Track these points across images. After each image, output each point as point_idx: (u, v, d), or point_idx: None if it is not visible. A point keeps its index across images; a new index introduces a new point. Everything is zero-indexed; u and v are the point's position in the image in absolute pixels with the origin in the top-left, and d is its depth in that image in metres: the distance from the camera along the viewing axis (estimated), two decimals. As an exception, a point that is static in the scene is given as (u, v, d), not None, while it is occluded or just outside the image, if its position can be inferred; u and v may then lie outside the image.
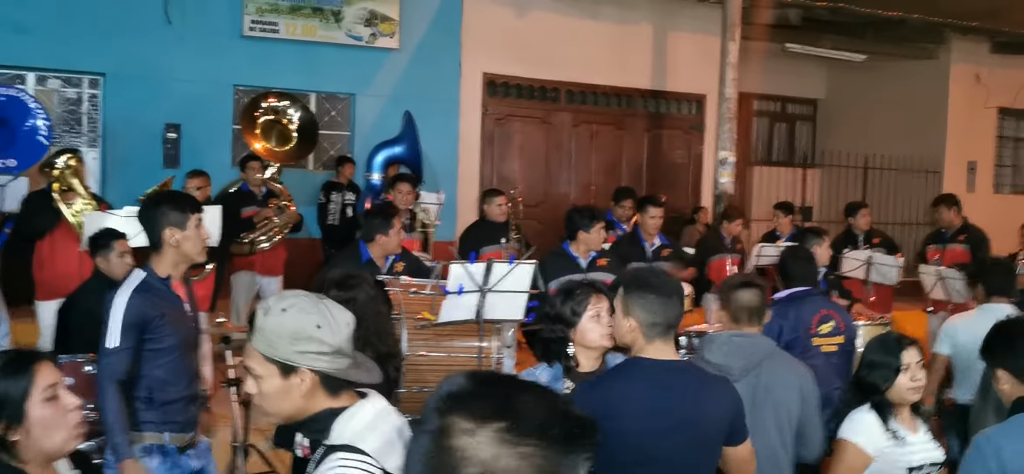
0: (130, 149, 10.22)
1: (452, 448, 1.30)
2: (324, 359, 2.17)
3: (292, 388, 2.18)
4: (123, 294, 3.67)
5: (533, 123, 12.73)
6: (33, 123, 7.40)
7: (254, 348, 2.19)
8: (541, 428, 1.31)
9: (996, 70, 14.40)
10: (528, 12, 12.19)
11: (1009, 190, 15.43)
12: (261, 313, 2.20)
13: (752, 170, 14.72)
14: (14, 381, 2.38)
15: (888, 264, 7.96)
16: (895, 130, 14.17)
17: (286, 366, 2.16)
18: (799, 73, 14.84)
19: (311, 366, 2.16)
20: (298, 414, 2.23)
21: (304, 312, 2.18)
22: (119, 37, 10.08)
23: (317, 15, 10.99)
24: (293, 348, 2.15)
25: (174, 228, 3.73)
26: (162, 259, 3.77)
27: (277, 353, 2.16)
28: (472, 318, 4.84)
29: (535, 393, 1.37)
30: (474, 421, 1.31)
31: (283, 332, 2.16)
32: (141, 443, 3.72)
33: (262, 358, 2.18)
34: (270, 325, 2.17)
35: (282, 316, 2.17)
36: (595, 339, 3.39)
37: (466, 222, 11.20)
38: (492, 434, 1.29)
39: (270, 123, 9.38)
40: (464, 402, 1.34)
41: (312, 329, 2.16)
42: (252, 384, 2.23)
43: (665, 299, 3.00)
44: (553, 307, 3.46)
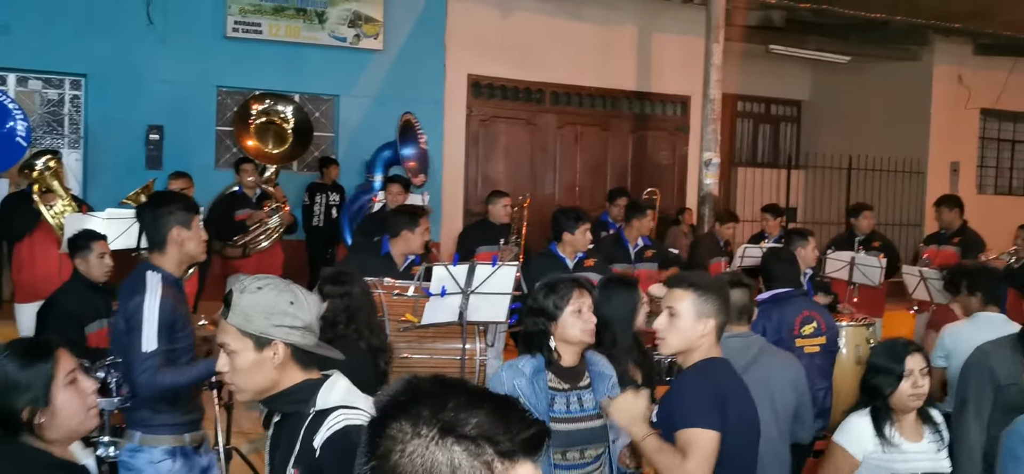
0: (112, 150, 10.15)
1: (406, 454, 1.28)
2: (296, 333, 2.34)
3: (265, 361, 2.33)
4: (153, 295, 3.62)
5: (518, 124, 12.72)
6: (11, 125, 7.33)
7: (229, 324, 2.32)
8: (491, 430, 1.29)
9: (979, 71, 14.48)
10: (513, 13, 12.17)
11: (992, 191, 15.52)
12: (237, 291, 2.34)
13: (737, 171, 14.75)
14: (39, 366, 2.50)
15: (871, 265, 7.97)
16: (879, 131, 14.24)
17: (261, 339, 2.31)
18: (783, 74, 14.89)
19: (285, 339, 2.32)
20: (271, 387, 2.37)
21: (277, 290, 2.36)
22: (101, 38, 10.01)
23: (301, 16, 10.95)
24: (268, 322, 2.31)
25: (181, 227, 3.75)
26: (167, 258, 3.76)
27: (252, 327, 2.31)
28: (455, 320, 4.82)
29: (477, 394, 1.35)
30: (424, 425, 1.29)
31: (259, 307, 2.32)
32: (163, 446, 3.74)
33: (237, 332, 2.32)
34: (246, 301, 2.32)
35: (257, 293, 2.33)
36: (576, 334, 3.39)
37: (451, 224, 11.23)
38: (451, 438, 1.28)
39: (264, 125, 9.35)
40: (412, 408, 1.31)
41: (285, 305, 2.34)
42: (225, 361, 2.35)
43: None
44: (536, 300, 3.46)
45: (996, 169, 15.69)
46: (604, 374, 3.52)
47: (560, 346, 3.42)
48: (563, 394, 3.40)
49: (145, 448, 3.72)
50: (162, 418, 3.72)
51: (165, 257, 3.75)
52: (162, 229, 3.73)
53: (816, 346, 4.88)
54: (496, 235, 8.00)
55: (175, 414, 3.74)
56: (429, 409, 1.30)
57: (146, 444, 3.73)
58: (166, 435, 3.74)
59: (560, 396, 3.40)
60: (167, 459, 3.73)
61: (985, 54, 14.46)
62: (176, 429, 3.76)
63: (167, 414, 3.72)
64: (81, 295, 5.32)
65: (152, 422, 3.72)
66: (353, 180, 10.92)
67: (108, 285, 5.49)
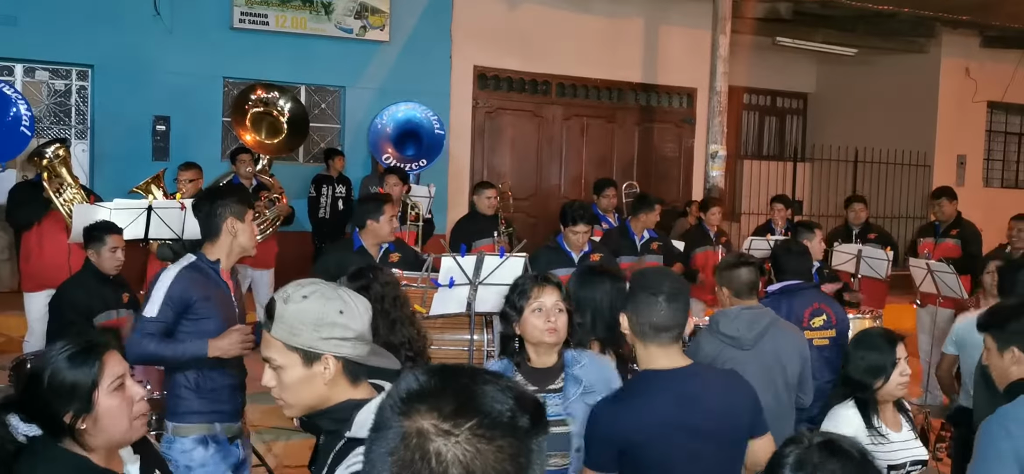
0: (119, 141, 10.17)
1: (432, 453, 1.24)
2: (347, 345, 2.13)
3: (315, 377, 2.12)
4: (172, 270, 3.79)
5: (524, 116, 12.71)
6: (14, 113, 7.36)
7: (274, 337, 2.12)
8: (511, 419, 1.28)
9: (986, 64, 14.45)
10: (519, 5, 12.17)
11: (998, 184, 15.49)
12: (281, 301, 2.14)
13: (743, 164, 14.74)
14: (84, 370, 2.40)
15: (878, 258, 7.97)
16: (885, 124, 14.22)
17: (309, 354, 2.11)
18: (789, 67, 14.86)
19: (335, 352, 2.12)
20: (320, 403, 2.16)
21: (326, 298, 2.13)
22: (107, 29, 10.01)
23: (307, 7, 10.95)
24: (317, 334, 2.10)
25: (235, 219, 3.88)
26: (217, 247, 3.89)
27: (300, 340, 2.10)
28: (463, 311, 4.83)
29: (494, 382, 1.32)
30: (449, 421, 1.26)
31: (306, 318, 2.10)
32: (193, 435, 3.81)
33: (283, 346, 2.12)
34: (292, 312, 2.11)
35: (304, 303, 2.12)
36: (534, 333, 3.22)
37: (456, 215, 11.20)
38: (470, 433, 1.25)
39: (260, 115, 9.34)
40: (431, 401, 1.28)
41: (335, 315, 2.12)
42: (270, 376, 2.16)
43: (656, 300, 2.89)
44: (509, 299, 3.34)
45: (1003, 162, 15.66)
46: (579, 378, 3.25)
47: (528, 346, 3.26)
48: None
49: (177, 438, 3.81)
50: (188, 405, 3.80)
51: (216, 246, 3.89)
52: (217, 220, 3.87)
53: (825, 339, 4.89)
54: (487, 226, 7.97)
55: (202, 401, 3.81)
56: (455, 401, 1.28)
57: (178, 434, 3.81)
58: (194, 423, 3.80)
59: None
60: (198, 447, 3.79)
61: (992, 47, 14.43)
62: (203, 417, 3.82)
63: (193, 401, 3.80)
64: (91, 286, 5.35)
65: (181, 410, 3.81)
66: (359, 172, 10.92)
67: (119, 277, 5.52)
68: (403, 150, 10.56)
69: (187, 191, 7.66)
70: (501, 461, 1.25)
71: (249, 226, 3.94)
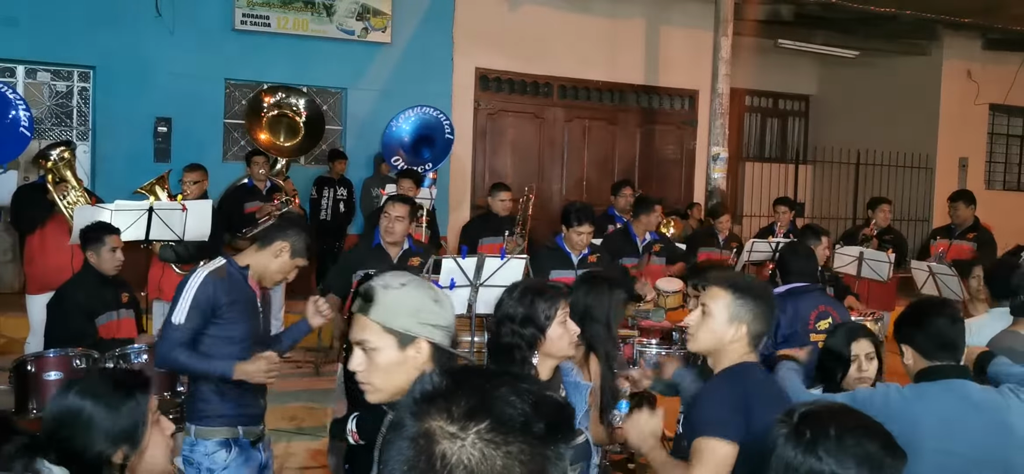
0: (120, 143, 10.17)
1: (437, 455, 1.23)
2: (439, 332, 2.25)
3: (408, 360, 2.23)
4: (199, 274, 3.73)
5: (525, 118, 12.71)
6: (14, 115, 7.36)
7: (371, 320, 2.23)
8: (525, 424, 1.24)
9: (988, 66, 14.43)
10: (520, 7, 12.16)
11: (1001, 186, 15.46)
12: (380, 288, 2.26)
13: (744, 166, 14.72)
14: (132, 408, 2.35)
15: (880, 260, 7.97)
16: (887, 126, 14.19)
17: (405, 337, 2.22)
18: (791, 69, 14.85)
19: (429, 337, 2.23)
20: (407, 388, 2.21)
21: (422, 287, 2.29)
22: (109, 30, 10.02)
23: (308, 9, 10.95)
24: (414, 319, 2.22)
25: (288, 248, 3.85)
26: (257, 256, 3.86)
27: (397, 324, 2.22)
28: (464, 313, 4.83)
29: (511, 384, 1.29)
30: (457, 424, 1.24)
31: (405, 304, 2.23)
32: (216, 438, 3.78)
33: (380, 329, 2.23)
34: (391, 297, 2.24)
35: (403, 290, 2.25)
36: (564, 348, 3.06)
37: (458, 217, 11.24)
38: (476, 436, 1.23)
39: (277, 117, 9.35)
40: (442, 402, 1.26)
41: (430, 303, 2.26)
42: (362, 359, 2.26)
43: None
44: (519, 307, 3.03)
45: (1005, 165, 15.63)
46: (579, 385, 3.18)
47: (541, 361, 3.04)
48: None
49: (200, 441, 3.78)
50: (212, 408, 3.77)
51: (257, 255, 3.86)
52: (278, 235, 3.86)
53: (831, 342, 4.88)
54: (499, 228, 8.00)
55: (225, 405, 3.78)
56: (469, 403, 1.26)
57: (201, 437, 3.78)
58: (218, 427, 3.78)
59: None
60: (221, 450, 3.77)
61: (994, 49, 14.41)
62: (228, 421, 3.79)
63: (217, 404, 3.77)
64: (91, 287, 5.34)
65: (204, 413, 3.78)
66: (361, 173, 10.93)
67: (119, 277, 5.51)
68: (419, 154, 10.54)
69: (191, 193, 7.66)
70: (510, 467, 1.22)
71: (291, 266, 3.91)
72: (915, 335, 3.17)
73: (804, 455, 2.03)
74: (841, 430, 2.03)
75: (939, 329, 3.11)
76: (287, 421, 6.71)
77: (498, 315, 3.11)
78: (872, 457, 2.00)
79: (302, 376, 8.08)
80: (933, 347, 3.11)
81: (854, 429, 2.04)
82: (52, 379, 4.65)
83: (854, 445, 2.00)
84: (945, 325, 3.11)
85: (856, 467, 1.99)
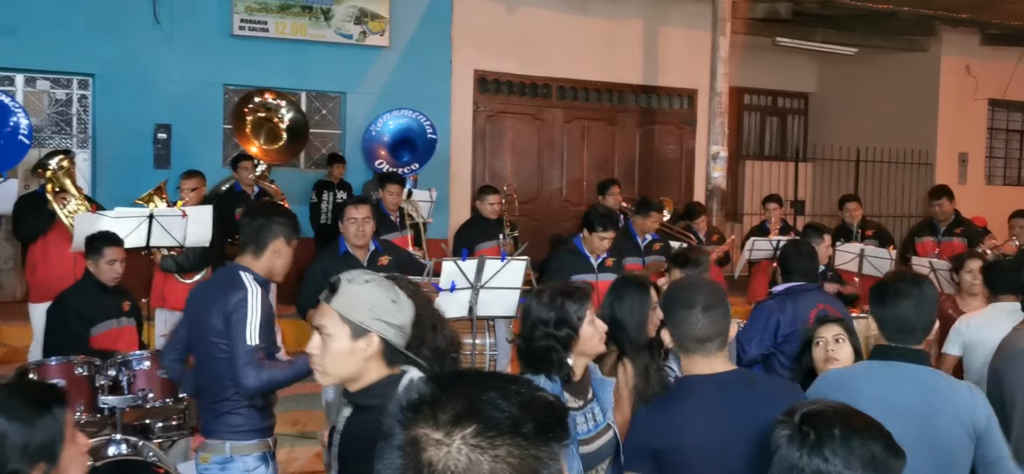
0: (120, 150, 10.18)
1: (424, 463, 1.23)
2: (391, 330, 2.43)
3: (357, 351, 2.41)
4: (255, 292, 3.65)
5: (525, 120, 12.72)
6: (13, 122, 7.37)
7: (331, 308, 2.41)
8: (513, 425, 1.23)
9: (986, 62, 14.44)
10: (518, 8, 12.17)
11: (1001, 181, 15.47)
12: (345, 280, 2.44)
13: (744, 164, 14.73)
14: (50, 421, 2.22)
15: (881, 257, 7.98)
16: (886, 123, 14.21)
17: (359, 329, 2.40)
18: (790, 67, 14.85)
19: (381, 333, 2.41)
20: (354, 377, 2.45)
21: (384, 287, 2.47)
22: (108, 38, 10.03)
23: (306, 13, 10.96)
24: (370, 314, 2.41)
25: (284, 241, 3.85)
26: (260, 263, 3.81)
27: (353, 315, 2.40)
28: (465, 315, 4.84)
29: (500, 387, 1.29)
30: (442, 430, 1.23)
31: (364, 298, 2.42)
32: (256, 453, 3.70)
33: (338, 318, 2.41)
34: (353, 290, 2.42)
35: (365, 285, 2.44)
36: (595, 345, 3.13)
37: (459, 220, 11.23)
38: (462, 442, 1.22)
39: (259, 121, 9.35)
40: (428, 410, 1.26)
41: (388, 302, 2.44)
42: (318, 342, 2.43)
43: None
44: (554, 309, 3.08)
45: (1005, 159, 15.64)
46: (605, 381, 3.25)
47: (576, 360, 3.10)
48: (580, 413, 3.11)
49: (237, 457, 3.66)
50: (254, 422, 3.69)
51: (258, 262, 3.80)
52: (268, 235, 3.82)
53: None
54: (491, 230, 8.01)
55: (264, 418, 3.73)
56: (454, 409, 1.25)
57: (238, 453, 3.66)
58: (257, 440, 3.71)
59: (578, 415, 3.10)
60: (261, 465, 3.70)
61: (992, 44, 14.42)
62: (265, 433, 3.74)
63: (258, 418, 3.70)
64: (91, 294, 5.36)
65: (243, 428, 3.67)
66: (360, 177, 10.93)
67: (120, 286, 5.53)
68: (399, 157, 10.58)
69: (190, 200, 7.66)
70: (499, 470, 1.22)
71: (291, 252, 3.89)
72: (877, 312, 3.23)
73: (810, 456, 2.01)
74: (846, 430, 2.01)
75: (901, 312, 3.13)
76: (290, 426, 6.72)
77: (529, 321, 3.14)
78: (876, 458, 1.99)
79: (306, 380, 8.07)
80: (892, 328, 3.16)
81: (859, 430, 2.03)
82: (54, 387, 4.66)
83: (860, 446, 1.99)
84: (908, 308, 3.12)
85: (862, 468, 1.98)
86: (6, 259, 10.00)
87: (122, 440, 4.53)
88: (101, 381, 4.67)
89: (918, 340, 3.16)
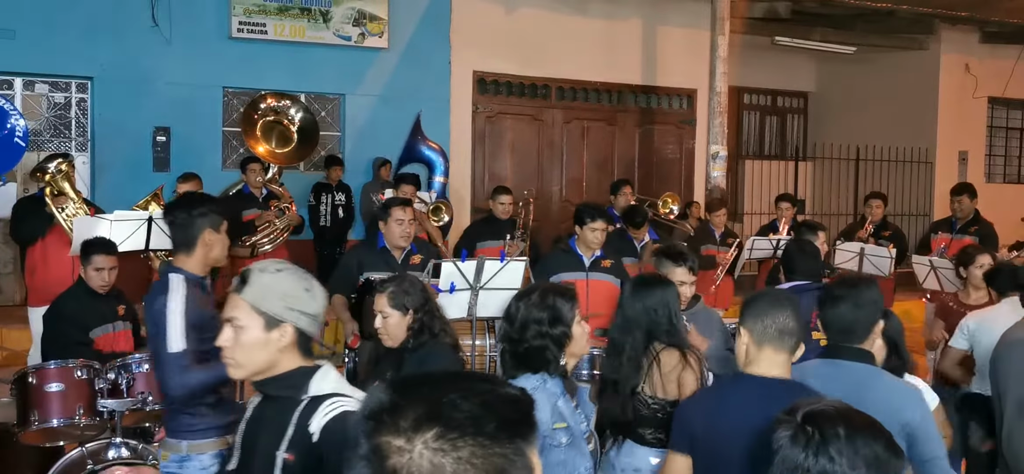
0: (119, 153, 10.17)
1: (388, 470, 1.22)
2: (305, 319, 2.41)
3: (271, 341, 2.38)
4: (176, 296, 3.56)
5: (524, 120, 12.71)
6: (10, 125, 7.35)
7: (242, 299, 2.38)
8: (475, 425, 1.22)
9: (986, 60, 14.44)
10: (517, 9, 12.16)
11: (1001, 179, 15.47)
12: (257, 270, 2.42)
13: (744, 164, 14.72)
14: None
15: (881, 255, 7.97)
16: (886, 121, 14.20)
17: (272, 319, 2.38)
18: (789, 66, 14.85)
19: (295, 323, 2.39)
20: (268, 368, 2.41)
21: (296, 276, 2.45)
22: (106, 41, 10.03)
23: (305, 15, 10.95)
24: (283, 304, 2.38)
25: (211, 230, 3.73)
26: (193, 260, 3.72)
27: (266, 305, 2.38)
28: (464, 316, 4.83)
29: (461, 387, 1.28)
30: (403, 436, 1.22)
31: (277, 289, 2.39)
32: (212, 451, 3.66)
33: (250, 308, 2.38)
34: (265, 281, 2.40)
35: (278, 275, 2.42)
36: (584, 345, 3.18)
37: (457, 220, 11.21)
38: (424, 446, 1.21)
39: (270, 124, 9.35)
40: (388, 417, 1.25)
41: (301, 291, 2.42)
42: (230, 334, 2.40)
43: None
44: (546, 308, 3.08)
45: (1005, 157, 15.64)
46: (580, 388, 3.35)
47: (566, 360, 3.12)
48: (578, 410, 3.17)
49: (193, 456, 3.66)
50: (209, 421, 3.66)
51: (191, 259, 3.71)
52: (193, 230, 3.70)
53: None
54: (501, 231, 8.00)
55: (219, 416, 3.69)
56: (414, 414, 1.24)
57: (194, 451, 3.66)
58: (213, 438, 3.68)
59: (578, 412, 3.15)
60: (217, 463, 3.65)
61: (992, 42, 14.42)
62: (221, 431, 3.70)
63: (211, 417, 3.66)
64: (86, 299, 5.34)
65: (198, 427, 3.65)
66: (360, 179, 10.93)
67: (116, 290, 5.50)
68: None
69: (187, 203, 7.63)
70: (464, 470, 1.21)
71: (223, 237, 3.79)
72: (821, 316, 3.36)
73: (815, 456, 1.97)
74: (850, 430, 1.99)
75: (840, 314, 3.25)
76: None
77: (520, 320, 3.08)
78: (879, 457, 1.97)
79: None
80: (833, 329, 3.29)
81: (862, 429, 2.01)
82: (53, 391, 4.65)
83: (863, 445, 1.97)
84: (847, 310, 3.24)
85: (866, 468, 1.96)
86: (5, 263, 9.99)
87: (122, 443, 4.52)
88: (100, 384, 4.66)
89: (859, 339, 3.25)
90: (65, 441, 4.86)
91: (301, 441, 2.32)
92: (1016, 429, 4.00)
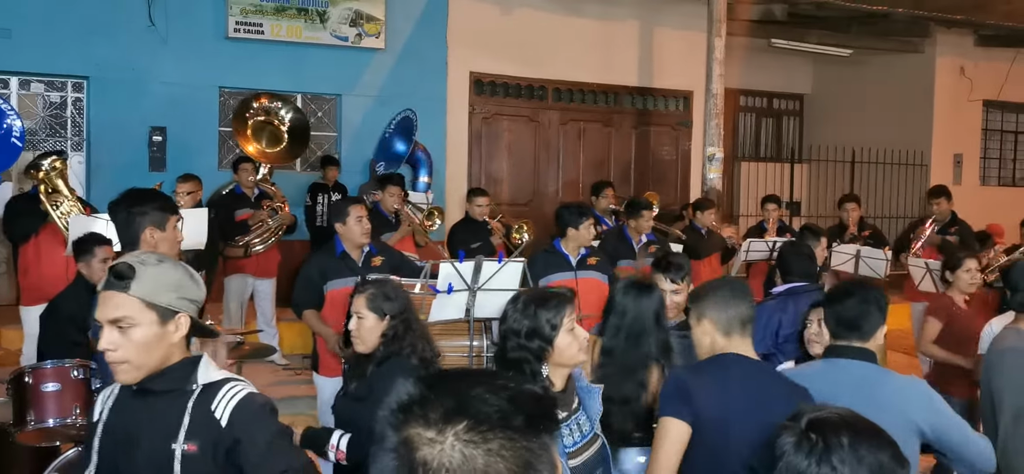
0: (115, 152, 10.15)
1: (418, 462, 1.24)
2: (194, 307, 2.36)
3: (167, 335, 2.29)
4: None
5: (520, 122, 12.71)
6: (6, 125, 7.34)
7: (131, 296, 2.25)
8: (503, 419, 1.25)
9: (981, 63, 14.47)
10: (514, 10, 12.16)
11: (995, 182, 15.51)
12: (138, 264, 2.28)
13: (740, 166, 14.74)
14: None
15: (877, 258, 7.99)
16: (882, 124, 14.23)
17: (167, 312, 2.28)
18: (785, 68, 14.87)
19: (189, 312, 2.33)
20: (161, 363, 2.32)
21: (176, 265, 2.36)
22: (102, 40, 10.00)
23: (302, 15, 10.94)
24: (176, 294, 2.30)
25: (154, 228, 3.60)
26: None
27: (161, 299, 2.28)
28: (462, 317, 4.82)
29: (487, 383, 1.30)
30: (434, 428, 1.24)
31: (168, 280, 2.29)
32: None
33: (142, 305, 2.26)
34: (154, 273, 2.28)
35: (162, 266, 2.31)
36: (574, 355, 2.91)
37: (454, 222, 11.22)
38: (455, 438, 1.24)
39: (261, 124, 9.34)
40: (418, 410, 1.27)
41: (187, 279, 2.35)
42: (116, 337, 2.25)
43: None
44: (527, 318, 2.90)
45: (999, 160, 15.68)
46: (591, 389, 3.05)
47: (553, 371, 2.92)
48: (565, 424, 2.91)
49: None
50: None
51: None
52: (134, 229, 3.57)
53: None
54: (482, 232, 8.01)
55: None
56: (444, 407, 1.26)
57: None
58: None
59: (563, 428, 2.90)
60: None
61: (987, 45, 14.45)
62: None
63: None
64: (84, 298, 5.31)
65: None
66: (356, 179, 10.92)
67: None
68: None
69: (185, 204, 7.63)
70: (492, 464, 1.23)
71: (171, 234, 3.63)
72: (826, 314, 3.39)
73: (818, 464, 1.95)
74: (855, 438, 1.96)
75: (844, 308, 3.27)
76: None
77: (503, 329, 2.96)
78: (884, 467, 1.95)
79: (300, 383, 8.06)
80: (837, 326, 3.30)
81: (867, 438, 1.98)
82: (50, 391, 4.63)
83: (868, 454, 1.95)
84: (852, 305, 3.27)
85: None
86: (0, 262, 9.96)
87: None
88: (96, 384, 4.64)
89: (863, 337, 3.26)
90: (61, 441, 4.84)
91: (203, 429, 2.26)
92: (1012, 438, 4.00)
